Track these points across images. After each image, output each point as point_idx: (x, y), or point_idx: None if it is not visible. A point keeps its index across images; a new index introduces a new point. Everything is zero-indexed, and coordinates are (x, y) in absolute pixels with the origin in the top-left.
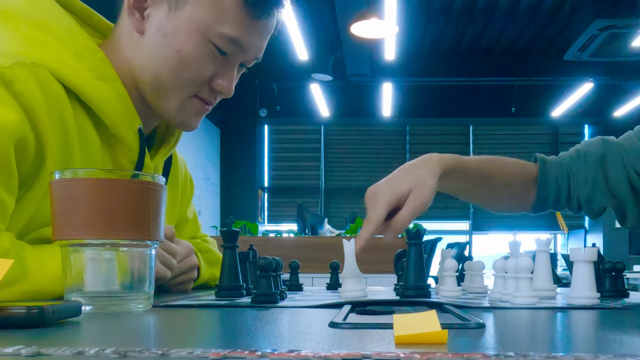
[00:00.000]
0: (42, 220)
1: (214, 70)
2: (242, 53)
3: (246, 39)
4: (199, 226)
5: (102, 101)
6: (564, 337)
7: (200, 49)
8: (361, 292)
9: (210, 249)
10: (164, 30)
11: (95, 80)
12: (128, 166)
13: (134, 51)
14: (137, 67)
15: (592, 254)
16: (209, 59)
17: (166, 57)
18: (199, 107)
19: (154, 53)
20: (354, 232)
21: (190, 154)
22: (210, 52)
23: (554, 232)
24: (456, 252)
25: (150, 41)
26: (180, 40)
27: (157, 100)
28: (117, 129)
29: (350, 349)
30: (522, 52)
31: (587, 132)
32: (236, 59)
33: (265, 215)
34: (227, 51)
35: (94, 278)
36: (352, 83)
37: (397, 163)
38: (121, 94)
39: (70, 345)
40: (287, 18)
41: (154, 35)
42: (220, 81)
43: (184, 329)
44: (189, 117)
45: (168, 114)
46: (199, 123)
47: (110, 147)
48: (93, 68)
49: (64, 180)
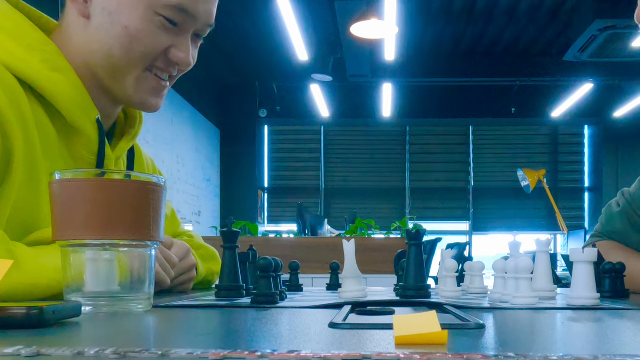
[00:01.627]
0: (24, 220)
1: (169, 42)
2: (192, 21)
3: (192, 6)
4: (179, 222)
5: (57, 92)
6: (564, 337)
7: (148, 21)
8: (361, 293)
9: (202, 245)
10: (108, 9)
11: (48, 71)
12: (88, 157)
13: (84, 37)
14: (88, 52)
15: (592, 254)
16: (159, 30)
17: (115, 35)
18: (154, 84)
19: (103, 34)
20: (354, 233)
21: (190, 155)
22: (159, 24)
23: (554, 232)
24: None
25: (97, 23)
26: (126, 16)
27: (113, 81)
28: (74, 119)
29: (350, 350)
30: (522, 53)
31: (587, 133)
32: (188, 28)
33: (265, 215)
34: (176, 20)
35: (94, 278)
36: (352, 84)
37: (397, 164)
38: (76, 84)
39: (70, 345)
40: (287, 18)
41: (99, 16)
42: (175, 51)
43: (184, 329)
44: (146, 95)
45: (126, 96)
46: (161, 103)
47: (68, 139)
48: (46, 60)
49: (63, 181)
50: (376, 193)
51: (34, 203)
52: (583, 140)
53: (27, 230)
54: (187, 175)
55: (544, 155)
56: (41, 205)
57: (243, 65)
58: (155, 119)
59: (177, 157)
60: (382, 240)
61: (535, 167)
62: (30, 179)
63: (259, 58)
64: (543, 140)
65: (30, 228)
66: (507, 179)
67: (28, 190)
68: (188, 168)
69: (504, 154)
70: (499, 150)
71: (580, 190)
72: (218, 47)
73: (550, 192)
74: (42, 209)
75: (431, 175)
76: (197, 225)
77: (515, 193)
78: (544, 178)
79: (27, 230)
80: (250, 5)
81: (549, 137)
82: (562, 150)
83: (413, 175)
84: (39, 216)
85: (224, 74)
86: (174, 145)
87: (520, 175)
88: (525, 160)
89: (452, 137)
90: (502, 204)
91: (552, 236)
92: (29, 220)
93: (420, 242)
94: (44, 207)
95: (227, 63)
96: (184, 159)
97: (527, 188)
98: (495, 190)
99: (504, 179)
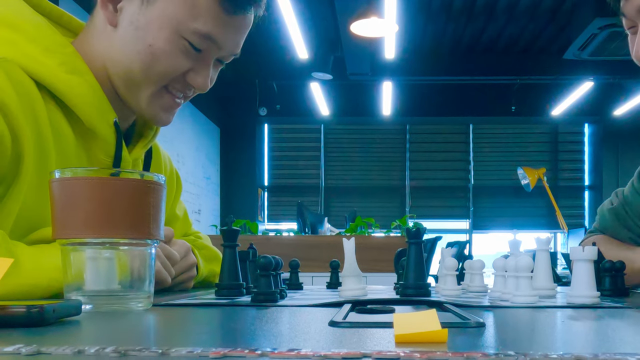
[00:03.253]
0: (32, 220)
1: (189, 66)
2: (216, 49)
3: (220, 36)
4: (190, 223)
5: (75, 94)
6: (564, 336)
7: (173, 44)
8: (361, 291)
9: (206, 245)
10: (136, 24)
11: (66, 74)
12: (105, 160)
13: (107, 44)
14: (109, 60)
15: (592, 252)
16: (182, 54)
17: (138, 51)
18: (169, 102)
19: (126, 46)
20: (354, 231)
21: (190, 153)
22: (183, 48)
23: (554, 231)
24: (456, 251)
25: (123, 34)
26: (152, 35)
27: (128, 93)
28: (91, 122)
29: (350, 348)
30: (522, 51)
31: (587, 131)
32: (211, 55)
33: (265, 214)
34: (201, 47)
35: (94, 277)
36: (352, 82)
37: (397, 162)
38: (94, 87)
39: (70, 344)
40: (287, 16)
41: (126, 28)
42: (194, 76)
43: (184, 328)
44: (159, 111)
45: (139, 108)
46: (172, 118)
47: (85, 142)
48: (64, 62)
49: (64, 179)
50: (376, 191)
51: (44, 204)
52: (583, 138)
53: (34, 230)
54: (187, 173)
55: (544, 154)
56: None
57: (243, 63)
58: None
59: (177, 156)
60: (382, 239)
61: (535, 165)
62: (41, 180)
63: (259, 56)
64: (543, 139)
65: (37, 228)
66: (507, 177)
67: (37, 191)
68: (188, 166)
69: (504, 152)
70: (499, 149)
71: (580, 188)
72: None
73: (550, 191)
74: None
75: (431, 174)
76: (197, 223)
77: (515, 191)
78: (544, 176)
79: (34, 230)
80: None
81: (549, 136)
82: (562, 149)
83: (413, 174)
84: (47, 217)
85: (224, 72)
86: (174, 143)
87: (520, 173)
88: (525, 158)
89: (452, 135)
90: (502, 202)
91: (552, 234)
92: (38, 221)
93: (420, 240)
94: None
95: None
96: (184, 157)
97: (527, 186)
98: (495, 188)
99: (504, 177)
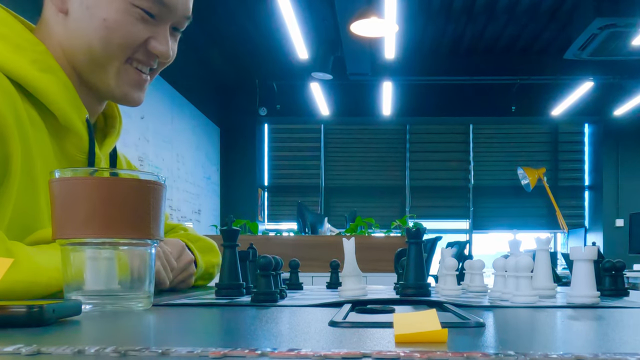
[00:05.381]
0: (24, 221)
1: (147, 34)
2: (169, 12)
3: None
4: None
5: (49, 92)
6: (564, 336)
7: (126, 13)
8: (361, 291)
9: (199, 237)
10: (86, 3)
11: (39, 72)
12: (79, 156)
13: (63, 32)
14: (68, 47)
15: (592, 252)
16: (137, 22)
17: (94, 28)
18: (136, 77)
19: (82, 28)
20: (354, 231)
21: (190, 153)
22: (137, 15)
23: (554, 230)
24: (456, 250)
25: (76, 17)
26: (104, 9)
27: (94, 75)
28: (66, 118)
29: (350, 348)
30: (522, 51)
31: (587, 131)
32: (165, 20)
33: (265, 214)
34: (154, 12)
35: (94, 277)
36: (352, 82)
37: (397, 162)
38: (66, 84)
39: (70, 344)
40: (287, 16)
41: (77, 11)
42: (154, 43)
43: (184, 327)
44: (129, 89)
45: (108, 88)
46: (143, 97)
47: (59, 139)
48: (36, 60)
49: (63, 179)
50: (376, 191)
51: (33, 203)
52: (583, 138)
53: (27, 230)
54: (187, 173)
55: (544, 154)
56: (40, 205)
57: (243, 63)
58: (155, 117)
59: (177, 156)
60: (382, 239)
61: (535, 165)
62: (28, 179)
63: (259, 56)
64: (543, 139)
65: (30, 228)
66: (507, 177)
67: (26, 190)
68: (188, 166)
69: (504, 152)
70: (499, 149)
71: (580, 188)
72: (218, 45)
73: (550, 191)
74: (40, 209)
75: (431, 174)
76: (197, 223)
77: (516, 191)
78: (544, 176)
79: (28, 230)
80: (250, 3)
81: (549, 136)
82: (562, 149)
83: (413, 174)
84: (38, 216)
85: (224, 72)
86: (174, 143)
87: (520, 173)
88: (525, 158)
89: (452, 135)
90: (502, 202)
91: (552, 234)
92: (29, 221)
93: (420, 240)
94: (42, 207)
95: (227, 61)
96: (184, 157)
97: (527, 186)
98: (495, 188)
99: (504, 177)
